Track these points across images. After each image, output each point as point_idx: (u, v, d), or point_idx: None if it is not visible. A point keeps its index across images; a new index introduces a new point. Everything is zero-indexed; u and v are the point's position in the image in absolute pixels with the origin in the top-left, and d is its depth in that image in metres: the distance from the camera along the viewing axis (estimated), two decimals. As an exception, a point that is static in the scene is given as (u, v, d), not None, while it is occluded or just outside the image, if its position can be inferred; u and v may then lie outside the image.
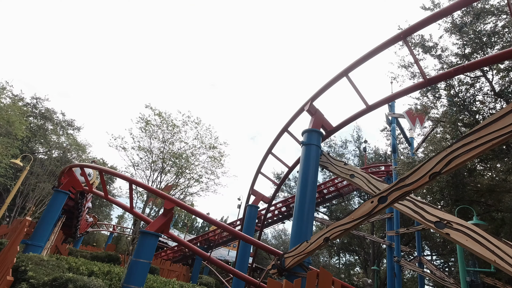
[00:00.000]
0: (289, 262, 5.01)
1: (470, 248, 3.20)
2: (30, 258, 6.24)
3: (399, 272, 12.99)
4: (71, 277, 5.10)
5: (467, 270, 7.05)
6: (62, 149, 25.61)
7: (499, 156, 8.68)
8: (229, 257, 29.05)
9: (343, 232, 4.48)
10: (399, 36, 5.57)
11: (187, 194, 17.53)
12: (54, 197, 9.58)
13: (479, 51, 8.13)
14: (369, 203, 4.22)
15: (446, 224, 3.48)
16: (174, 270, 17.74)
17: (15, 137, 19.95)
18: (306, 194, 5.81)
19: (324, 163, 6.33)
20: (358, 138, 29.74)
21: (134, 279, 6.03)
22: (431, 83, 5.83)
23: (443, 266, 22.32)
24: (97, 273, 7.31)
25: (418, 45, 9.26)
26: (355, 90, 6.45)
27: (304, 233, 5.39)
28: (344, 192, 19.38)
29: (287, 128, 8.79)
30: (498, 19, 8.25)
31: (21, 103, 23.43)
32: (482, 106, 8.70)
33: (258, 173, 11.94)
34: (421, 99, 10.09)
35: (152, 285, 7.57)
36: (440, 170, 3.58)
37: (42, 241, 8.91)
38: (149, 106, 16.97)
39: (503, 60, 5.93)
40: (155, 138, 16.64)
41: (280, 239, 42.47)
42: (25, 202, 22.51)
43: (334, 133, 7.29)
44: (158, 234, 6.77)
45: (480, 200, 10.42)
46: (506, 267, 2.93)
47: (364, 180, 5.21)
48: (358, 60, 6.13)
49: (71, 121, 27.34)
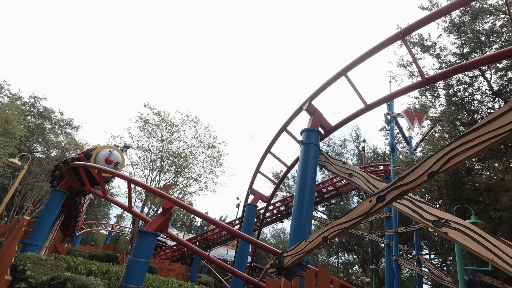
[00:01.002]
0: (288, 261, 5.02)
1: (468, 247, 3.21)
2: (28, 258, 6.23)
3: (398, 271, 13.03)
4: (69, 277, 5.09)
5: (465, 269, 7.08)
6: (61, 148, 25.54)
7: (497, 155, 8.71)
8: (228, 256, 29.05)
9: (341, 231, 4.48)
10: (397, 35, 5.58)
11: (186, 193, 17.54)
12: (52, 196, 9.55)
13: (477, 50, 8.15)
14: (367, 202, 4.23)
15: (444, 223, 3.49)
16: (173, 269, 17.72)
17: (13, 136, 19.87)
18: (305, 193, 5.81)
19: (323, 162, 6.33)
20: (357, 138, 29.79)
21: (132, 278, 6.02)
22: (429, 82, 5.83)
23: (441, 265, 22.39)
24: (96, 273, 7.29)
25: (417, 44, 9.28)
26: (354, 89, 6.45)
27: (302, 232, 5.39)
28: (343, 191, 19.41)
29: (286, 127, 8.79)
30: (496, 18, 8.28)
31: (19, 102, 23.34)
32: (481, 106, 8.72)
33: (257, 172, 11.94)
34: (419, 99, 10.12)
35: (150, 284, 7.55)
36: (439, 169, 3.59)
37: (40, 241, 8.88)
38: (148, 105, 16.94)
39: (501, 59, 5.95)
40: (154, 137, 16.62)
41: (279, 238, 42.52)
42: (23, 201, 22.45)
43: (332, 132, 7.29)
44: (157, 234, 6.76)
45: (478, 199, 10.45)
46: (504, 265, 2.94)
47: (363, 179, 5.22)
48: (356, 59, 6.13)
49: (70, 120, 27.28)
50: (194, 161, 17.21)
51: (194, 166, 17.13)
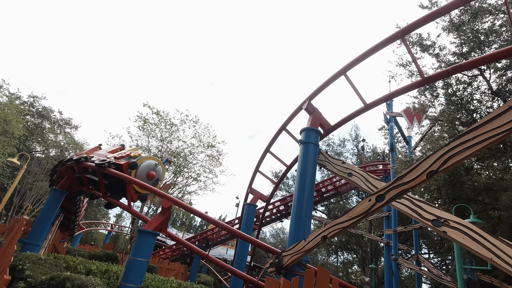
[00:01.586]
0: (287, 261, 5.02)
1: (467, 246, 3.21)
2: (28, 257, 6.22)
3: (397, 270, 13.05)
4: (68, 276, 5.08)
5: (464, 268, 7.09)
6: (60, 147, 25.52)
7: (496, 154, 8.72)
8: (228, 255, 29.07)
9: (341, 230, 4.48)
10: (397, 34, 5.57)
11: (185, 193, 17.54)
12: (51, 196, 9.54)
13: (476, 50, 8.15)
14: (366, 201, 4.23)
15: (443, 222, 3.49)
16: (172, 269, 17.72)
17: (12, 135, 19.85)
18: (304, 193, 5.81)
19: (322, 162, 6.33)
20: (356, 137, 29.81)
21: (132, 277, 6.03)
22: (428, 82, 5.83)
23: (440, 264, 22.43)
24: (95, 272, 7.29)
25: (416, 43, 9.28)
26: (353, 89, 6.45)
27: (302, 232, 5.39)
28: (342, 190, 19.42)
29: (285, 127, 8.78)
30: (495, 18, 8.28)
31: (18, 101, 23.32)
32: (480, 105, 8.72)
33: (256, 172, 11.94)
34: (419, 98, 10.13)
35: (150, 284, 7.55)
36: (438, 168, 3.59)
37: (40, 240, 8.88)
38: (147, 104, 16.94)
39: (500, 59, 5.95)
40: (153, 137, 16.64)
41: (278, 237, 42.57)
42: (23, 201, 22.44)
43: (332, 132, 7.29)
44: (156, 233, 6.76)
45: (477, 198, 10.47)
46: (502, 265, 2.95)
47: (362, 178, 5.22)
48: (356, 58, 6.12)
49: (69, 120, 27.25)
50: (193, 160, 17.24)
51: (193, 166, 17.15)
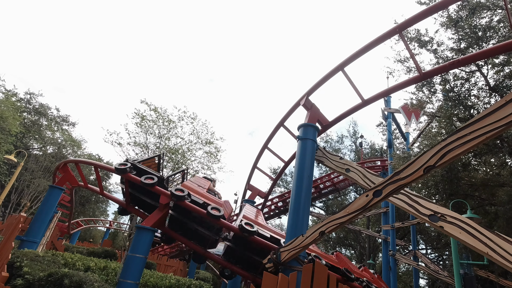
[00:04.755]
0: (285, 256, 5.04)
1: (463, 241, 3.23)
2: (25, 254, 6.21)
3: (394, 265, 13.15)
4: (66, 273, 5.08)
5: (460, 263, 7.15)
6: (57, 145, 25.43)
7: (493, 150, 8.76)
8: (226, 252, 29.10)
9: (338, 225, 4.50)
10: (394, 30, 5.56)
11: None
12: (49, 193, 9.51)
13: (474, 45, 8.15)
14: (364, 196, 4.24)
15: (440, 217, 3.51)
16: (171, 265, 17.75)
17: (8, 132, 19.75)
18: (302, 189, 5.82)
19: (320, 158, 6.34)
20: (354, 133, 29.85)
21: (130, 274, 6.02)
22: (426, 77, 5.83)
23: (437, 259, 22.63)
24: (94, 269, 7.30)
25: (414, 39, 9.26)
26: (351, 84, 6.44)
27: (300, 227, 5.41)
28: (340, 187, 19.47)
29: (283, 123, 8.77)
30: (493, 13, 8.27)
31: (14, 98, 23.16)
32: (477, 101, 8.74)
33: (254, 168, 11.93)
34: (416, 94, 10.13)
35: (148, 280, 7.57)
36: (435, 163, 3.60)
37: (37, 237, 8.86)
38: (145, 101, 16.87)
39: (498, 54, 5.96)
40: (151, 134, 16.57)
41: (276, 234, 42.68)
42: (20, 198, 22.37)
43: (330, 128, 7.29)
44: (154, 229, 6.76)
45: (474, 194, 10.52)
46: (498, 259, 2.97)
47: (360, 174, 5.23)
48: (354, 54, 6.11)
49: (66, 117, 27.13)
50: (191, 157, 17.20)
51: (191, 162, 17.12)
